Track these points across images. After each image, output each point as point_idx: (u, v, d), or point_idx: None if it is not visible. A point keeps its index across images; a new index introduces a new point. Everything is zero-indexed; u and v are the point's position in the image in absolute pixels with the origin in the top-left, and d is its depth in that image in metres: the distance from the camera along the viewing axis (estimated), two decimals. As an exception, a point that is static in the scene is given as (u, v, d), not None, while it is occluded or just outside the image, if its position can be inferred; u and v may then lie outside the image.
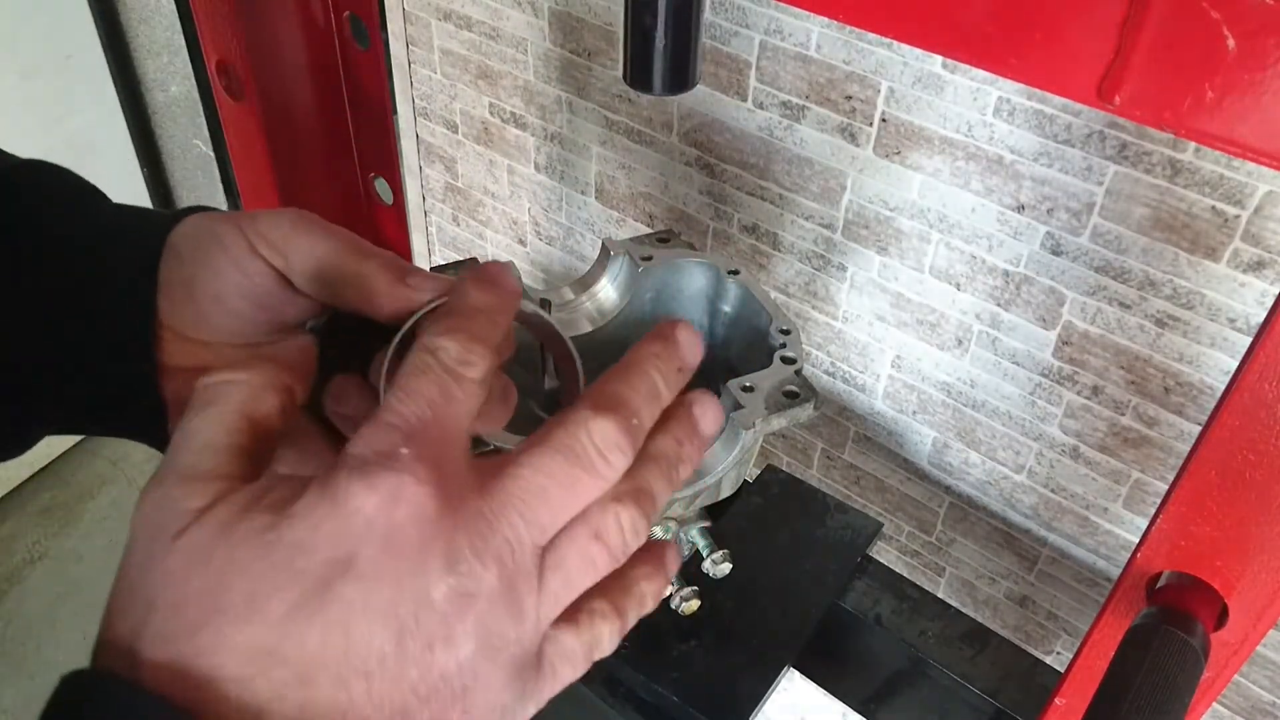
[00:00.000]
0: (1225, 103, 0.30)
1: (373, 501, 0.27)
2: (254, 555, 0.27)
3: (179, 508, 0.29)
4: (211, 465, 0.30)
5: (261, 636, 0.26)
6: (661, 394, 0.34)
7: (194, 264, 0.40)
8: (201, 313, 0.40)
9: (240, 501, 0.28)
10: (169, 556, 0.28)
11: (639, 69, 0.50)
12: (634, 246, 0.80)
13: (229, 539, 0.27)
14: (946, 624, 0.80)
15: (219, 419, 0.31)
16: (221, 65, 0.69)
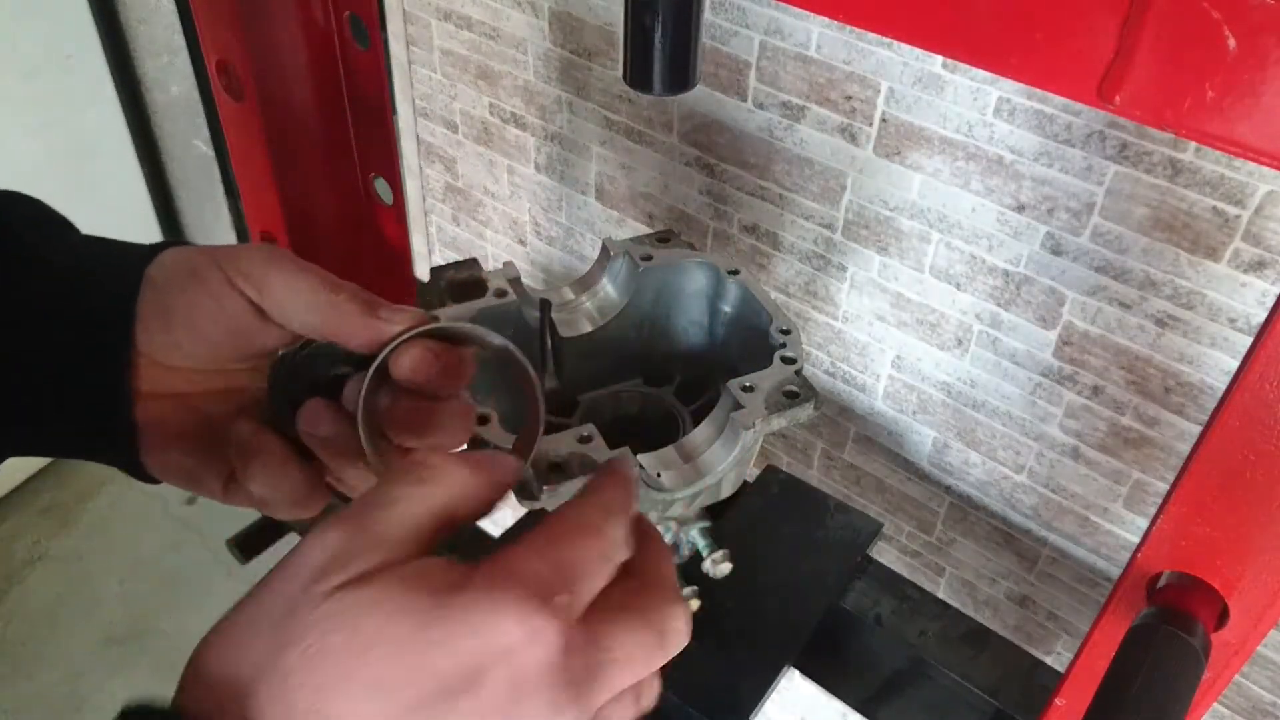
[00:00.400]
0: (1225, 103, 0.30)
1: (519, 635, 0.28)
2: (402, 636, 0.28)
3: (349, 563, 0.29)
4: (400, 537, 0.31)
5: (380, 717, 0.27)
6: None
7: (171, 296, 0.41)
8: (177, 341, 0.42)
9: (405, 576, 0.29)
10: (321, 605, 0.29)
11: (639, 69, 0.50)
12: (634, 246, 0.80)
13: (383, 611, 0.28)
14: (946, 624, 0.80)
15: (428, 500, 0.32)
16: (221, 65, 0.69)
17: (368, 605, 0.28)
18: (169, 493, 2.27)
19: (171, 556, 2.17)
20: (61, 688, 1.91)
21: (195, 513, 2.24)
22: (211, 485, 0.45)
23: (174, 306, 0.41)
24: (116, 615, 2.05)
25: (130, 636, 2.01)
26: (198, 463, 0.45)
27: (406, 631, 0.28)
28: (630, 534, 0.35)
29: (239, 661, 0.29)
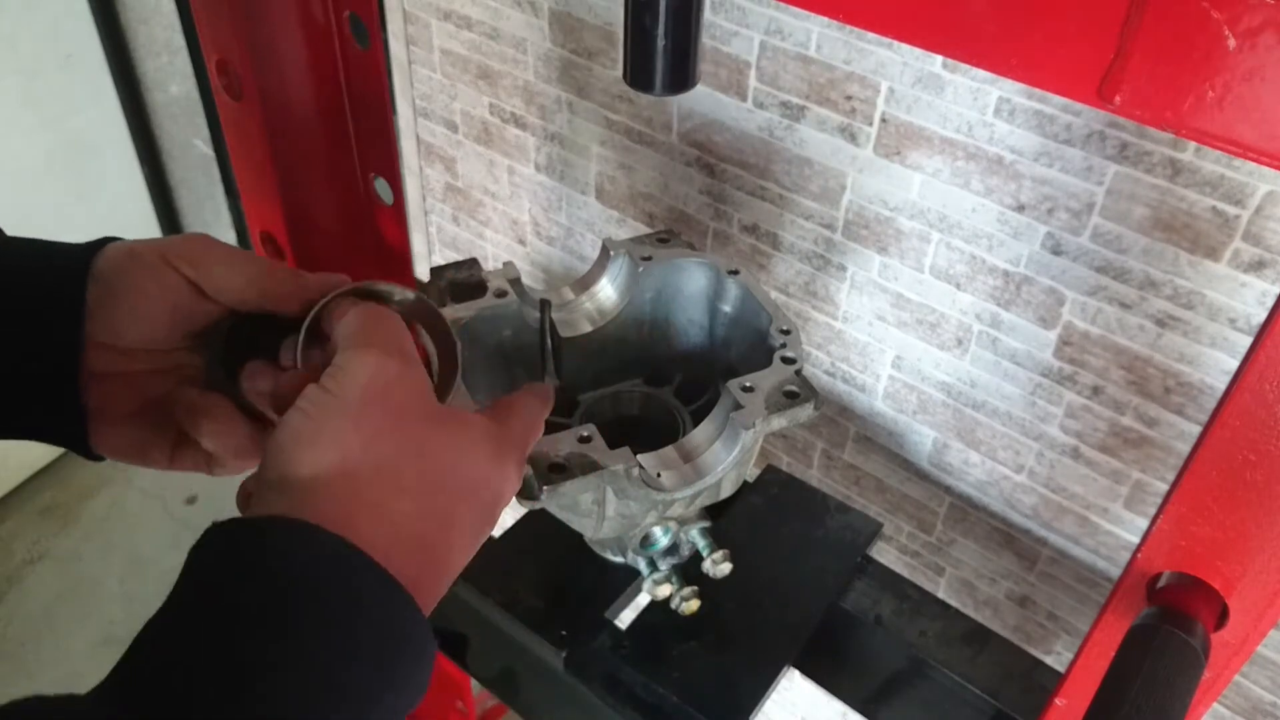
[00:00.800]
0: (1225, 103, 0.30)
1: (514, 487, 0.45)
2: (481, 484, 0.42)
3: (426, 390, 0.43)
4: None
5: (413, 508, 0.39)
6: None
7: (116, 281, 0.46)
8: (122, 323, 0.46)
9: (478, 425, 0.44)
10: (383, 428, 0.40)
11: (639, 69, 0.50)
12: (634, 246, 0.80)
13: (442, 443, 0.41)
14: (946, 624, 0.80)
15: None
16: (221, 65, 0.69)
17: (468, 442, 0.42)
18: (169, 493, 2.27)
19: (171, 556, 2.16)
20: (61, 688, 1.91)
21: (195, 513, 2.24)
22: (157, 456, 0.50)
23: (119, 290, 0.45)
24: (116, 615, 2.05)
25: (130, 636, 2.01)
26: (145, 436, 0.49)
27: (484, 470, 0.43)
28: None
29: (378, 461, 0.38)
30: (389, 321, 0.43)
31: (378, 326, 0.43)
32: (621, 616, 0.81)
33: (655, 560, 0.77)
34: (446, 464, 0.40)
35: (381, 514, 0.37)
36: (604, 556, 0.81)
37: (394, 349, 0.41)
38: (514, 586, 0.78)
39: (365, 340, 0.41)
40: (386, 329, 0.43)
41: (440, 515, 0.40)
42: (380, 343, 0.41)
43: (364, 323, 0.43)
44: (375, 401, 0.39)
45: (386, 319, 0.43)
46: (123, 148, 2.10)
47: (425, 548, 0.39)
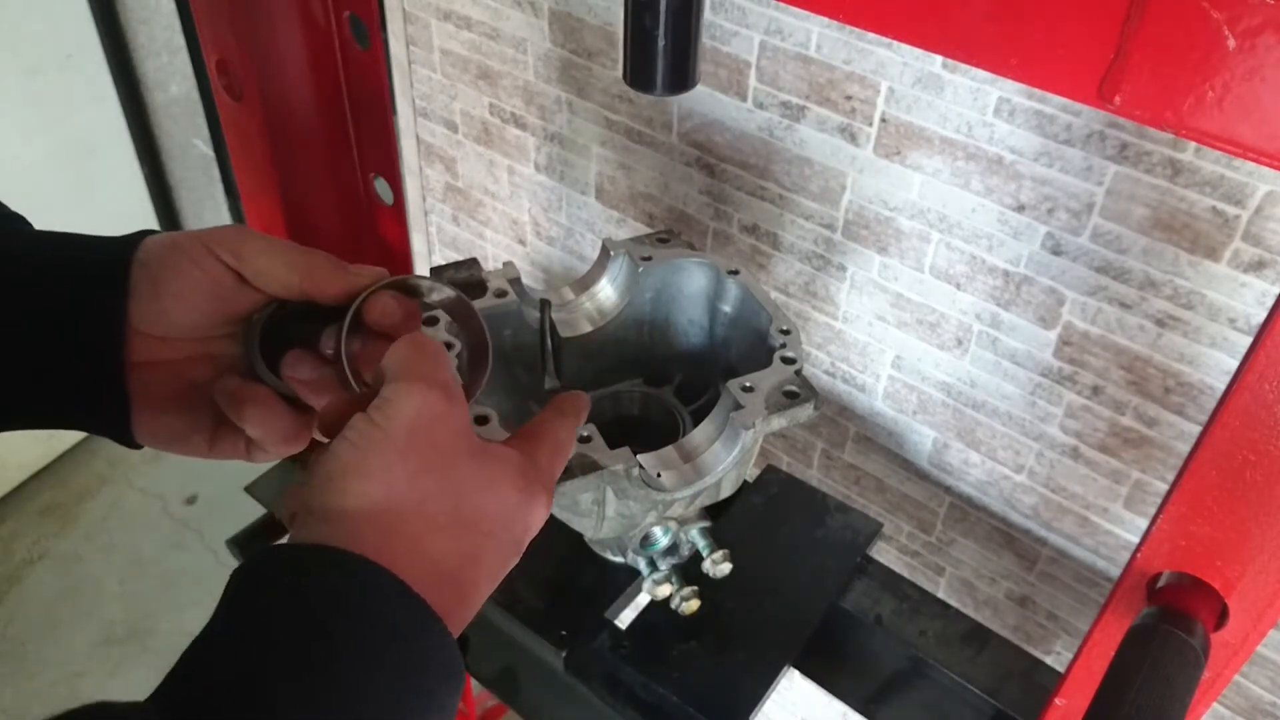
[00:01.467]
0: (1225, 103, 0.30)
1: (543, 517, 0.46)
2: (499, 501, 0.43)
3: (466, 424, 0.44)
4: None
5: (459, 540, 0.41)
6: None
7: (158, 270, 0.46)
8: (164, 310, 0.47)
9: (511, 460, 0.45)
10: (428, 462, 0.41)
11: (639, 69, 0.50)
12: (634, 246, 0.80)
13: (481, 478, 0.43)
14: (946, 624, 0.80)
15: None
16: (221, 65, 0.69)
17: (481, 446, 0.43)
18: (169, 493, 2.27)
19: (171, 556, 2.16)
20: (61, 688, 1.91)
21: (195, 513, 2.24)
22: (197, 443, 0.50)
23: (161, 278, 0.46)
24: (116, 615, 2.05)
25: (130, 636, 2.01)
26: (185, 424, 0.50)
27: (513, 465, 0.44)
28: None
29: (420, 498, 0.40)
30: (434, 355, 0.44)
31: (424, 359, 0.43)
32: (621, 616, 0.81)
33: (655, 560, 0.77)
34: (480, 503, 0.42)
35: (418, 549, 0.39)
36: (604, 556, 0.81)
37: (438, 383, 0.42)
38: (514, 586, 0.78)
39: (412, 373, 0.42)
40: (432, 362, 0.43)
41: (471, 552, 0.41)
42: (426, 377, 0.42)
43: (411, 355, 0.43)
44: (420, 437, 0.40)
45: (432, 352, 0.44)
46: (123, 148, 2.10)
47: (455, 582, 0.40)
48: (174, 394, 0.49)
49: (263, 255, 0.47)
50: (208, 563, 2.15)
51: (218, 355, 0.50)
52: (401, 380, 0.42)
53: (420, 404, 0.41)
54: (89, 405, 0.48)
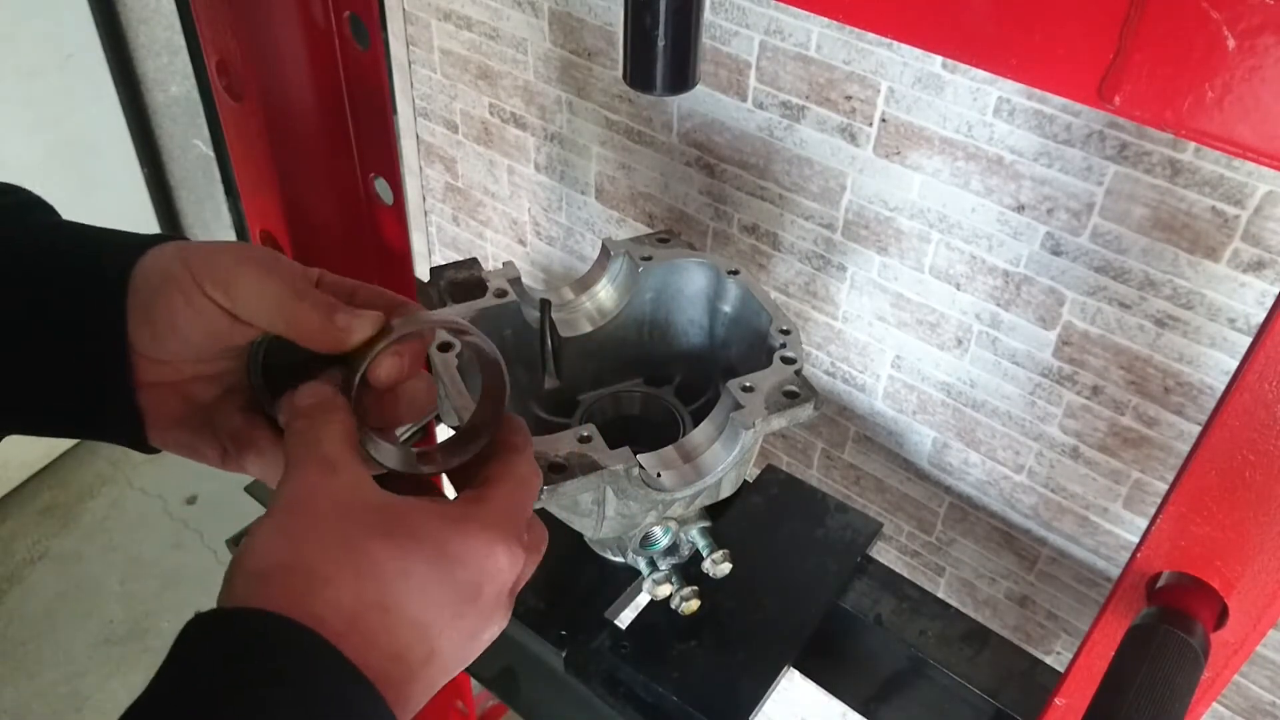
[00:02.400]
0: (1225, 103, 0.30)
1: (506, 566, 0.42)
2: (434, 556, 0.40)
3: (359, 493, 0.41)
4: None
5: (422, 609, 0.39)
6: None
7: (151, 300, 0.45)
8: (161, 340, 0.46)
9: (428, 508, 0.41)
10: (375, 521, 0.40)
11: (639, 69, 0.50)
12: (634, 246, 0.80)
13: (421, 534, 0.40)
14: (946, 624, 0.80)
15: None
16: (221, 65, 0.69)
17: (409, 530, 0.40)
18: (169, 493, 2.27)
19: (171, 556, 2.16)
20: (61, 688, 1.91)
21: (195, 513, 2.24)
22: (209, 456, 0.50)
23: (155, 310, 0.45)
24: (116, 615, 2.05)
25: (130, 636, 2.01)
26: (195, 439, 0.49)
27: (439, 548, 0.40)
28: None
29: (305, 556, 0.38)
30: (311, 426, 0.43)
31: (303, 434, 0.42)
32: (621, 616, 0.81)
33: (655, 560, 0.77)
34: (389, 578, 0.39)
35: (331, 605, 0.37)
36: (604, 556, 0.81)
37: (312, 460, 0.41)
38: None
39: (303, 455, 0.41)
40: (308, 436, 0.42)
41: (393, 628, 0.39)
42: (301, 457, 0.41)
43: (290, 438, 0.42)
44: (296, 516, 0.39)
45: (324, 434, 0.42)
46: (123, 148, 2.10)
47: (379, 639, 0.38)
48: (182, 412, 0.49)
49: (252, 297, 0.45)
50: (208, 563, 2.15)
51: (223, 375, 0.49)
52: (292, 463, 0.41)
53: (304, 482, 0.40)
54: (105, 423, 0.48)
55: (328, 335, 0.45)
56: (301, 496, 0.40)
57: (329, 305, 0.46)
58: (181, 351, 0.47)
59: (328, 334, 0.45)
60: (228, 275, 0.45)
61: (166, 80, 2.07)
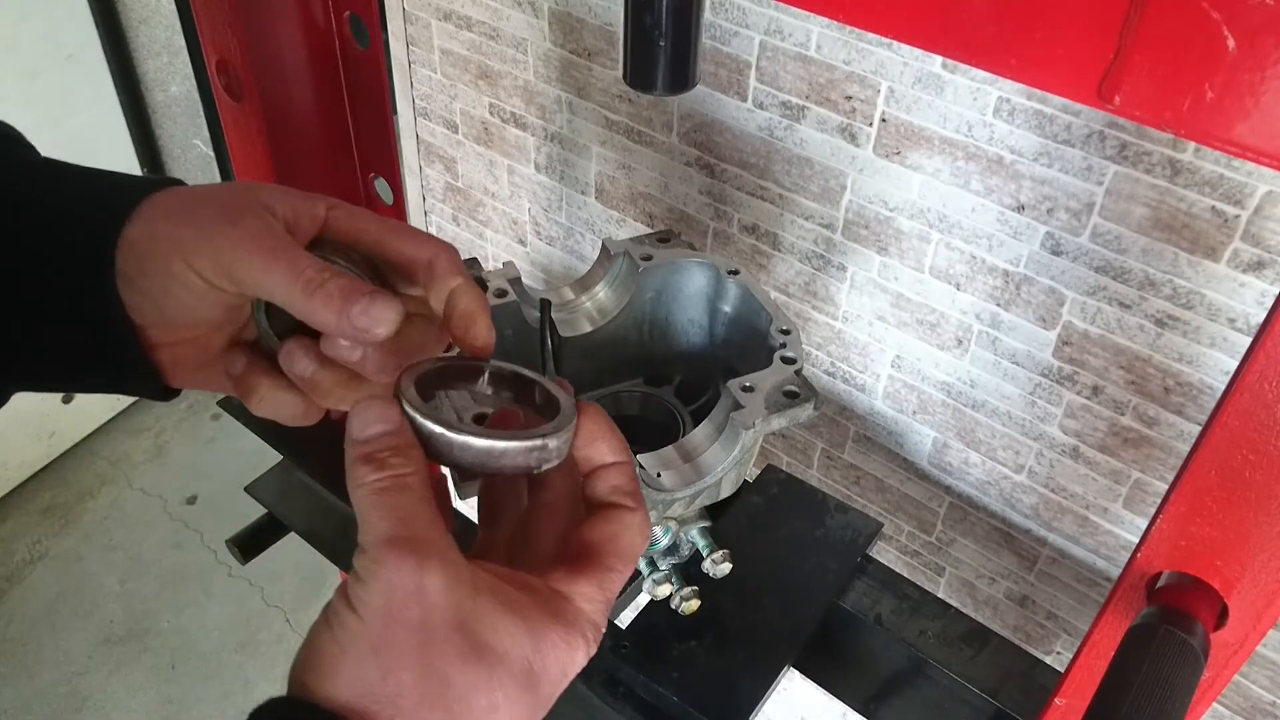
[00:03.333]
0: (1225, 103, 0.30)
1: (583, 662, 0.39)
2: (511, 669, 0.37)
3: (453, 597, 0.37)
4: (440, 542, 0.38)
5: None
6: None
7: (146, 286, 0.43)
8: (163, 315, 0.45)
9: (495, 604, 0.37)
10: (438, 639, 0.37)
11: (639, 69, 0.50)
12: (634, 246, 0.80)
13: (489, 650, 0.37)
14: (946, 624, 0.80)
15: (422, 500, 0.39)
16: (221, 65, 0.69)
17: (498, 654, 0.37)
18: (169, 493, 2.27)
19: (171, 556, 2.17)
20: (61, 688, 1.91)
21: (195, 513, 2.24)
22: (227, 387, 0.48)
23: (157, 298, 0.44)
24: (116, 615, 2.05)
25: (130, 636, 2.01)
26: (211, 377, 0.48)
27: (524, 668, 0.38)
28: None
29: (394, 694, 0.36)
30: (415, 503, 0.38)
31: (411, 508, 0.37)
32: (621, 616, 0.81)
33: (655, 560, 0.77)
34: (472, 704, 0.37)
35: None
36: (604, 556, 0.81)
37: (426, 549, 0.36)
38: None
39: (393, 535, 0.37)
40: (421, 511, 0.38)
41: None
42: (411, 540, 0.37)
43: (393, 501, 0.37)
44: (398, 630, 0.36)
45: (413, 500, 0.38)
46: (123, 148, 2.10)
47: None
48: (196, 361, 0.47)
49: (260, 284, 0.42)
50: (208, 563, 2.15)
51: (234, 322, 0.47)
52: (381, 545, 0.36)
53: (399, 585, 0.36)
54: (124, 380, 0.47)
55: (344, 332, 0.42)
56: (397, 604, 0.36)
57: (341, 298, 0.42)
58: (185, 322, 0.46)
59: (344, 331, 0.42)
60: (233, 269, 0.42)
61: (166, 80, 2.07)
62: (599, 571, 0.40)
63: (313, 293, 0.42)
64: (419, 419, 0.39)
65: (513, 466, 0.40)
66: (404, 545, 0.36)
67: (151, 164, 2.18)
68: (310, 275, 0.42)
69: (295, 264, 0.42)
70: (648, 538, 0.42)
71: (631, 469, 0.43)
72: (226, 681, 1.92)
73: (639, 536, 0.41)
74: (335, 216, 0.46)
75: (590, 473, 0.43)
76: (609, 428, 0.43)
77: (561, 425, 0.41)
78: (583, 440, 0.42)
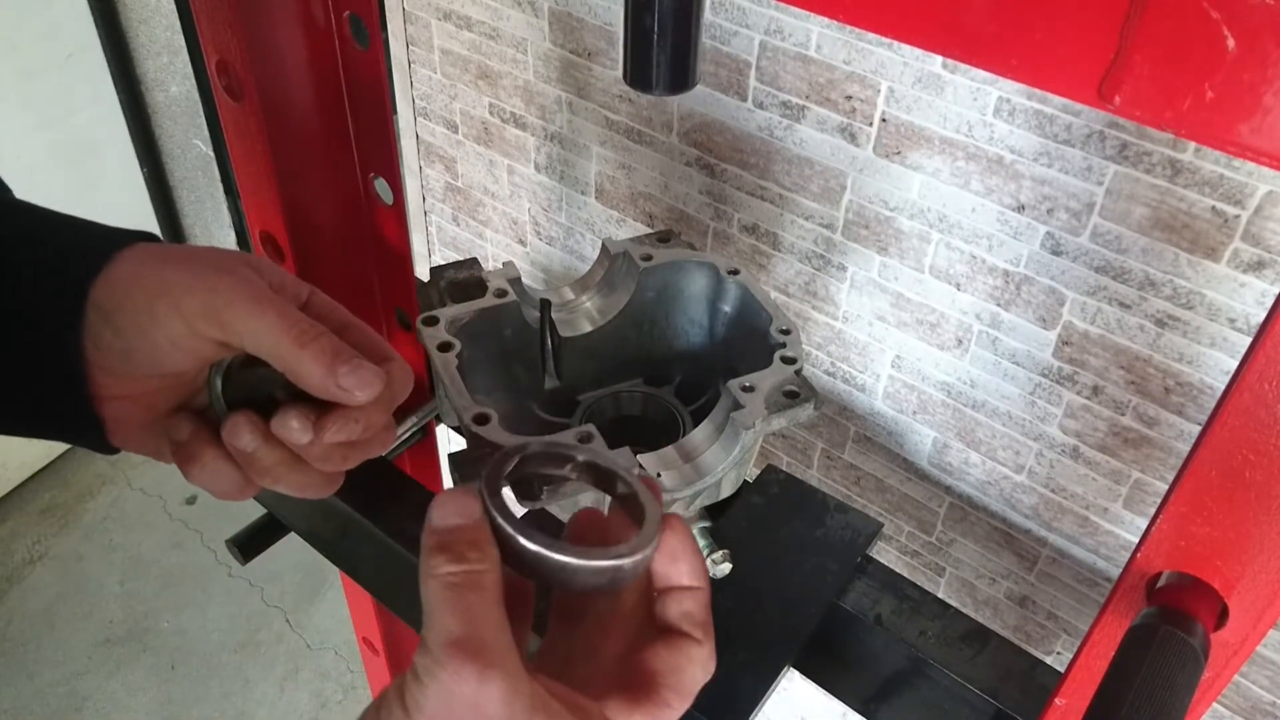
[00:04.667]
0: (1225, 103, 0.30)
1: None
2: None
3: (508, 710, 0.35)
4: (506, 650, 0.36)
5: None
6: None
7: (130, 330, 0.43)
8: (135, 364, 0.44)
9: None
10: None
11: (639, 69, 0.50)
12: (634, 246, 0.80)
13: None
14: (946, 624, 0.80)
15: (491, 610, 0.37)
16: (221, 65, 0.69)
17: None
18: (169, 493, 2.27)
19: (171, 556, 2.17)
20: (61, 688, 1.91)
21: (195, 513, 2.24)
22: (168, 457, 0.48)
23: (130, 337, 0.43)
24: (116, 615, 2.05)
25: (130, 636, 2.01)
26: (157, 442, 0.48)
27: None
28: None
29: None
30: (485, 605, 0.36)
31: (480, 614, 0.36)
32: (621, 616, 0.81)
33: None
34: None
35: None
36: (604, 556, 0.81)
37: (489, 658, 0.35)
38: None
39: (457, 641, 0.35)
40: (491, 620, 0.36)
41: None
42: (477, 649, 0.35)
43: (457, 606, 0.36)
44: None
45: (484, 601, 0.36)
46: (123, 148, 2.10)
47: None
48: (143, 421, 0.47)
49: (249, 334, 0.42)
50: (208, 563, 2.15)
51: (187, 382, 0.47)
52: (446, 646, 0.35)
53: (458, 693, 0.35)
54: (64, 429, 0.46)
55: (326, 389, 0.43)
56: (451, 712, 0.35)
57: (332, 355, 0.42)
58: (147, 371, 0.45)
59: (327, 388, 0.43)
60: (224, 313, 0.42)
61: (166, 80, 2.07)
62: (655, 706, 0.39)
63: (306, 344, 0.42)
64: (498, 519, 0.38)
65: (583, 585, 0.39)
66: (468, 651, 0.35)
67: (151, 164, 2.18)
68: (305, 328, 0.43)
69: (288, 315, 0.43)
70: (710, 673, 0.41)
71: (707, 597, 0.42)
72: (226, 681, 1.92)
73: (701, 672, 0.41)
74: (316, 300, 0.47)
75: (664, 591, 0.42)
76: (691, 549, 0.42)
77: (640, 547, 0.40)
78: (663, 557, 0.41)
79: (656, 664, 0.40)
